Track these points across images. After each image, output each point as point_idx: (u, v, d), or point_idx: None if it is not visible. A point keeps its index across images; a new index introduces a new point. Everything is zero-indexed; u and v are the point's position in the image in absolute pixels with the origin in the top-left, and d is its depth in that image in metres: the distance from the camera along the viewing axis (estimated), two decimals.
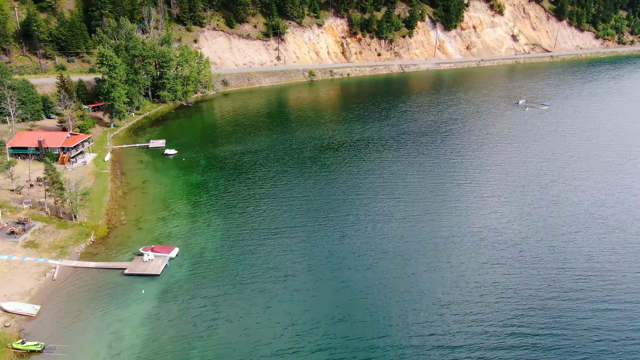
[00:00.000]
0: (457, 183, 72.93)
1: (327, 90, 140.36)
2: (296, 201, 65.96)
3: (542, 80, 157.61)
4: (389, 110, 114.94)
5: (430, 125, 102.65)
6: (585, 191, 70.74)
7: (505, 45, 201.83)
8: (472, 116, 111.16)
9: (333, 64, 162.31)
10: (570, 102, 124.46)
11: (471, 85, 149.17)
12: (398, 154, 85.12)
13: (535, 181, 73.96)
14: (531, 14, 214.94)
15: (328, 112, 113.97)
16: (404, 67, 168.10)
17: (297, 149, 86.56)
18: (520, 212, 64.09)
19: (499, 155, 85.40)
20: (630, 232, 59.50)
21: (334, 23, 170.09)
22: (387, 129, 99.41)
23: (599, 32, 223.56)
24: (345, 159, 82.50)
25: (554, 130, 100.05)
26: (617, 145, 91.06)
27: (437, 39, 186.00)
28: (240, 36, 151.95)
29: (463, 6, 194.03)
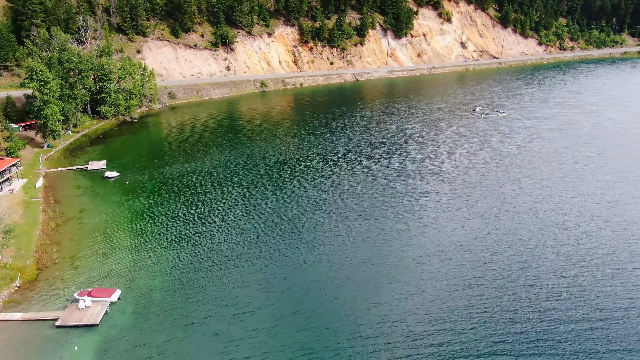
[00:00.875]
0: (420, 197, 70.14)
1: (280, 101, 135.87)
2: (251, 225, 60.93)
3: (493, 86, 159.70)
4: (344, 121, 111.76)
5: (388, 136, 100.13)
6: (548, 200, 69.61)
7: (455, 52, 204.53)
8: (429, 125, 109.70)
9: (285, 74, 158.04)
10: (524, 108, 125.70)
11: (425, 92, 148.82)
12: (357, 167, 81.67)
13: (498, 192, 72.33)
14: (478, 22, 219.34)
15: (282, 125, 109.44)
16: (357, 76, 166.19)
17: (251, 166, 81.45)
18: (487, 227, 61.85)
19: (460, 165, 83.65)
20: (597, 243, 58.34)
21: (285, 32, 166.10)
22: (344, 141, 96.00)
23: (542, 38, 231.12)
24: (302, 175, 78.17)
25: (512, 138, 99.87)
26: (573, 151, 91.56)
27: (389, 47, 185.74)
28: (187, 46, 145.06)
29: (412, 14, 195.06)
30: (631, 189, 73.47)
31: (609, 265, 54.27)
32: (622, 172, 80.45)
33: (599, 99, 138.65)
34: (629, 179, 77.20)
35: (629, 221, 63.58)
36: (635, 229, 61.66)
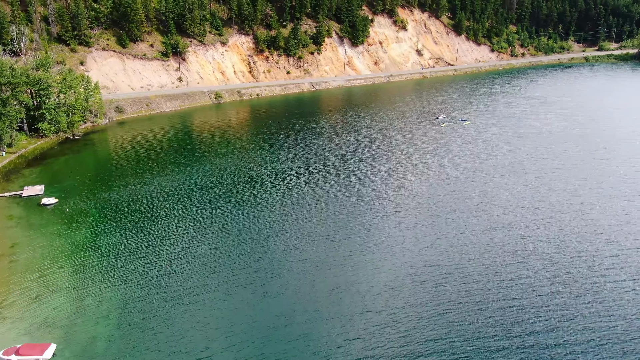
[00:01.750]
0: (386, 214, 66.81)
1: (236, 112, 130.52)
2: (207, 253, 55.63)
3: (451, 93, 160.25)
4: (303, 133, 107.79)
5: (348, 148, 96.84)
6: (516, 212, 67.77)
7: (411, 59, 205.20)
8: (390, 135, 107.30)
9: (241, 84, 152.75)
10: (484, 115, 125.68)
11: (384, 101, 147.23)
12: (318, 184, 77.66)
13: (466, 205, 69.95)
14: (432, 29, 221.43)
15: (239, 138, 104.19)
16: (315, 85, 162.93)
17: (207, 186, 75.92)
18: (458, 244, 59.07)
19: (425, 177, 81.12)
20: (570, 256, 56.50)
21: (239, 41, 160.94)
22: (304, 155, 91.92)
23: (494, 45, 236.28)
24: (261, 195, 73.38)
25: (474, 146, 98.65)
26: (535, 158, 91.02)
27: (346, 55, 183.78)
28: (135, 56, 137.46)
29: (368, 22, 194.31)
30: (595, 197, 72.90)
31: (584, 279, 52.41)
32: (584, 179, 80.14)
33: (552, 104, 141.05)
34: (592, 187, 76.80)
35: (598, 231, 62.42)
36: (606, 239, 60.45)
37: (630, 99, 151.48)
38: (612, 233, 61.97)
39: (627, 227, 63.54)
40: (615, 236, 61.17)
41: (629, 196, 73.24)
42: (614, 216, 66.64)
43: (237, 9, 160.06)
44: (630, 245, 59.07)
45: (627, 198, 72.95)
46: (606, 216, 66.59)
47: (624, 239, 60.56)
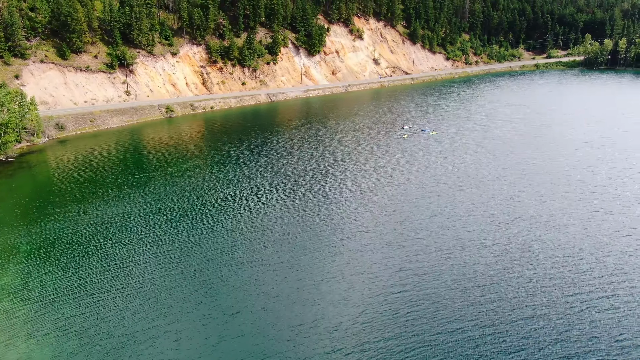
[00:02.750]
0: (351, 236, 62.54)
1: (189, 127, 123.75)
2: (155, 293, 49.46)
3: (410, 102, 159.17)
4: (260, 148, 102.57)
5: (308, 163, 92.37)
6: (485, 228, 64.92)
7: (369, 69, 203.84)
8: (352, 148, 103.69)
9: (194, 97, 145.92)
10: (447, 125, 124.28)
11: (343, 111, 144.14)
12: (277, 205, 72.64)
13: (434, 222, 66.61)
14: (388, 38, 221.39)
15: (192, 156, 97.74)
16: (271, 96, 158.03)
17: (155, 212, 69.37)
18: (428, 266, 55.33)
19: (389, 193, 77.55)
20: (545, 277, 53.86)
21: (191, 51, 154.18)
22: (261, 172, 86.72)
23: (449, 54, 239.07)
24: (216, 218, 67.63)
25: (436, 157, 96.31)
26: (498, 168, 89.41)
27: (303, 65, 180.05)
28: (77, 69, 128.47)
29: (324, 31, 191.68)
30: (562, 207, 71.34)
31: (561, 299, 49.66)
32: (549, 188, 78.82)
33: (510, 111, 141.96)
34: (558, 197, 75.37)
35: (570, 245, 60.29)
36: (578, 254, 58.32)
37: (582, 104, 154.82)
38: (584, 246, 59.98)
39: (598, 239, 61.84)
40: (587, 249, 59.18)
41: (595, 206, 72.11)
42: (584, 228, 64.95)
43: (187, 18, 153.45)
44: (603, 258, 57.16)
45: (593, 208, 71.79)
46: (576, 229, 64.82)
47: (596, 251, 58.64)
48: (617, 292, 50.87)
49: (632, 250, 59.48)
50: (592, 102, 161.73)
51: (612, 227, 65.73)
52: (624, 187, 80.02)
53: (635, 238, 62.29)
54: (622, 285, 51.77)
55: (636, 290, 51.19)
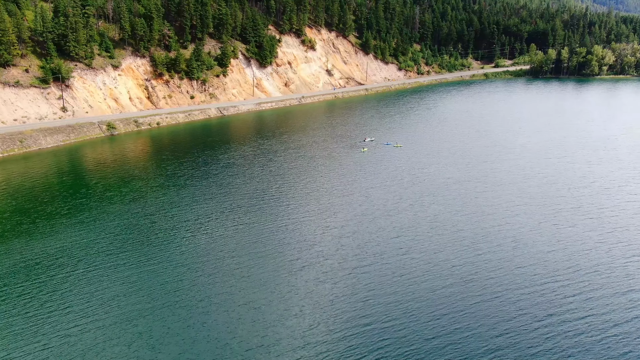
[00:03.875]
0: (311, 265, 57.20)
1: (133, 145, 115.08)
2: (81, 350, 42.19)
3: (366, 113, 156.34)
4: (210, 166, 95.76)
5: (261, 181, 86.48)
6: (452, 249, 61.18)
7: (322, 80, 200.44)
8: (307, 164, 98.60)
9: (138, 112, 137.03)
10: (405, 136, 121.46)
11: (298, 125, 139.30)
12: (227, 230, 66.33)
13: (396, 245, 62.06)
14: (341, 49, 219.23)
15: (134, 177, 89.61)
16: (222, 110, 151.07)
17: (92, 245, 61.41)
18: (395, 297, 50.76)
19: (351, 213, 72.80)
20: (516, 302, 50.42)
21: (134, 64, 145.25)
22: (210, 193, 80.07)
23: (401, 64, 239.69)
24: (160, 248, 60.58)
25: (395, 171, 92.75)
26: (459, 181, 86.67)
27: (254, 77, 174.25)
28: (5, 84, 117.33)
29: (276, 42, 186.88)
30: (526, 222, 68.83)
31: (535, 323, 46.21)
32: (510, 201, 76.48)
33: (465, 120, 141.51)
34: (520, 210, 73.05)
35: (538, 263, 57.35)
36: (550, 274, 55.35)
37: (532, 113, 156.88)
38: (552, 264, 57.08)
39: (565, 254, 59.20)
40: (555, 266, 56.28)
41: (557, 219, 70.06)
42: (550, 243, 62.30)
43: (130, 28, 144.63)
44: (572, 276, 54.36)
45: (556, 220, 69.81)
46: (543, 245, 62.10)
47: (564, 268, 55.83)
48: (589, 312, 47.95)
49: (599, 264, 57.17)
50: (541, 110, 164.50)
51: (578, 240, 63.63)
52: (583, 196, 78.89)
53: (601, 252, 60.20)
54: (594, 304, 48.96)
55: (609, 308, 48.50)
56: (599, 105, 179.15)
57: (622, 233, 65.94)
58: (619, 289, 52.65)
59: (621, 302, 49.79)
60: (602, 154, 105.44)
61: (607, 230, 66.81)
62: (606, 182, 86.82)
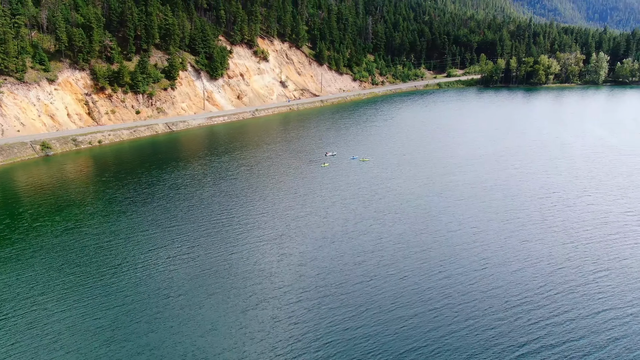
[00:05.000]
0: (271, 299, 51.41)
1: (71, 166, 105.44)
2: None
3: (323, 126, 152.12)
4: (155, 187, 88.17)
5: (211, 203, 79.89)
6: (420, 274, 56.99)
7: (276, 92, 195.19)
8: (263, 182, 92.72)
9: (77, 130, 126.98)
10: (370, 149, 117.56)
11: (251, 139, 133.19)
12: (174, 261, 59.54)
13: (361, 272, 57.25)
14: (295, 60, 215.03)
15: (68, 204, 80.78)
16: (170, 126, 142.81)
17: (16, 286, 53.11)
18: (360, 336, 45.78)
19: (311, 236, 67.48)
20: (488, 330, 46.56)
21: (72, 77, 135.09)
22: (154, 218, 72.80)
23: (356, 74, 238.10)
24: (93, 291, 53.06)
25: (354, 187, 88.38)
26: (422, 197, 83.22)
27: (205, 90, 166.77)
28: None
29: (227, 53, 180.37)
30: (494, 240, 65.70)
31: (515, 353, 42.51)
32: (473, 216, 73.41)
33: (424, 130, 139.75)
34: (485, 227, 70.05)
35: (513, 285, 53.93)
36: (522, 296, 51.85)
37: (487, 122, 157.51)
38: (524, 284, 53.84)
39: (533, 272, 56.12)
40: (527, 287, 52.93)
41: (523, 235, 67.32)
42: (518, 260, 59.16)
43: (66, 39, 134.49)
44: (547, 298, 51.09)
45: (522, 237, 67.11)
46: (513, 265, 58.85)
47: (537, 289, 52.56)
48: (567, 337, 44.57)
49: (570, 283, 54.23)
50: (494, 119, 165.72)
51: (546, 257, 60.88)
52: (545, 208, 76.92)
53: (571, 270, 57.49)
54: (570, 327, 45.62)
55: (587, 330, 45.32)
56: (550, 113, 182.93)
57: (588, 247, 63.82)
58: (594, 308, 49.82)
59: (597, 323, 46.81)
60: (558, 163, 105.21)
61: (573, 244, 64.53)
62: (565, 193, 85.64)
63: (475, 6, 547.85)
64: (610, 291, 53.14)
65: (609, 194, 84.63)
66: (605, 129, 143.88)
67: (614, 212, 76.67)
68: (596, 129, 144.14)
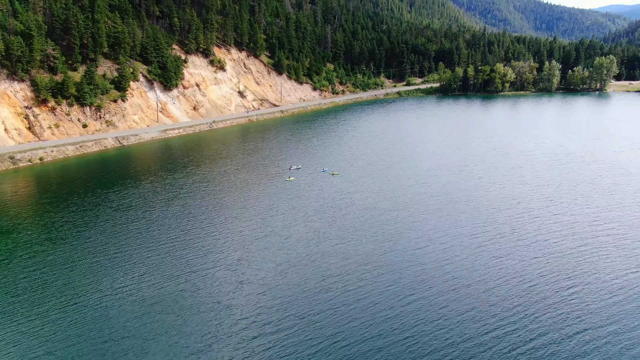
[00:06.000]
0: (227, 339, 46.04)
1: (7, 187, 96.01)
2: None
3: (284, 137, 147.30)
4: (100, 209, 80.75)
5: (160, 227, 73.45)
6: (387, 298, 53.02)
7: (234, 102, 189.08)
8: (220, 201, 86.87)
9: (16, 146, 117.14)
10: (334, 161, 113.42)
11: (209, 153, 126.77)
12: (121, 294, 53.19)
13: (326, 300, 52.85)
14: (253, 69, 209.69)
15: (1, 232, 72.51)
16: (121, 140, 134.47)
17: None
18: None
19: (272, 259, 62.41)
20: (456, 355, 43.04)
21: (10, 89, 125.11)
22: (94, 246, 65.86)
23: (316, 84, 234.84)
24: (19, 335, 46.13)
25: (317, 202, 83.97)
26: (386, 214, 79.67)
27: (158, 101, 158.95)
28: None
29: (181, 62, 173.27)
30: (465, 258, 62.65)
31: None
32: (439, 233, 70.29)
33: (385, 140, 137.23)
34: (452, 244, 67.00)
35: (487, 308, 50.63)
36: (498, 320, 48.62)
37: (448, 131, 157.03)
38: (499, 306, 50.48)
39: (506, 291, 53.13)
40: (502, 308, 49.61)
41: (493, 250, 64.60)
42: (492, 281, 56.17)
43: (3, 48, 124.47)
44: (523, 321, 47.92)
45: (495, 252, 64.22)
46: (486, 284, 55.61)
47: (511, 308, 49.27)
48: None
49: (547, 301, 51.08)
50: (455, 127, 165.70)
51: (519, 275, 58.13)
52: (512, 220, 74.69)
53: (546, 287, 54.65)
54: (548, 352, 42.69)
55: (564, 356, 42.40)
56: (509, 120, 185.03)
57: (560, 261, 61.68)
58: (574, 328, 47.07)
59: (580, 345, 43.90)
60: (521, 172, 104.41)
61: (545, 259, 62.23)
62: (531, 203, 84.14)
63: (430, 16, 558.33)
64: (588, 308, 50.65)
65: (574, 203, 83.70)
66: (564, 136, 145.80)
67: (580, 222, 75.42)
68: (555, 136, 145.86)
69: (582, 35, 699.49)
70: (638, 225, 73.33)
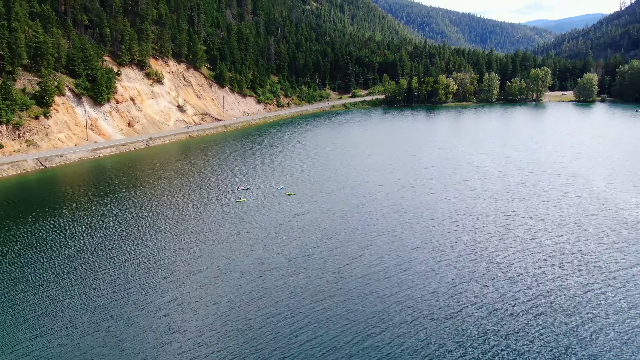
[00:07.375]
0: None
1: None
2: None
3: (227, 154, 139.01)
4: (8, 245, 69.81)
5: (81, 265, 63.94)
6: (342, 334, 47.02)
7: (173, 117, 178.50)
8: (157, 227, 77.89)
9: None
10: (292, 180, 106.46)
11: (145, 173, 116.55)
12: (34, 345, 43.91)
13: (283, 335, 46.09)
14: (193, 82, 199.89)
15: None
16: (43, 161, 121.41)
17: None
18: None
19: (222, 290, 54.74)
20: None
21: None
22: (8, 285, 55.73)
23: (260, 96, 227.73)
24: None
25: (283, 227, 76.90)
26: (351, 231, 73.86)
27: (88, 117, 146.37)
28: None
29: (113, 75, 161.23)
30: (419, 285, 57.74)
31: None
32: (396, 256, 65.30)
33: (334, 155, 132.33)
34: (411, 270, 62.11)
35: (449, 339, 45.57)
36: (474, 343, 43.76)
37: (395, 144, 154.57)
38: (457, 340, 45.65)
39: (466, 320, 48.46)
40: (463, 342, 44.82)
41: (454, 273, 60.04)
42: (452, 307, 51.30)
43: None
44: (491, 355, 43.39)
45: (453, 277, 59.74)
46: (447, 313, 50.71)
47: (479, 344, 44.89)
48: None
49: (511, 333, 46.78)
50: (402, 140, 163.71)
51: (480, 300, 53.56)
52: (468, 239, 70.85)
53: (509, 310, 50.27)
54: None
55: None
56: (454, 131, 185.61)
57: (520, 284, 57.90)
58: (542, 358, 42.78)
59: None
60: (472, 185, 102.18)
61: (506, 281, 58.30)
62: (485, 219, 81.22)
63: (372, 28, 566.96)
64: (554, 337, 46.63)
65: (527, 217, 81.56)
66: (510, 147, 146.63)
67: (536, 238, 72.93)
68: (501, 147, 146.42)
69: (513, 47, 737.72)
70: (592, 238, 71.78)
